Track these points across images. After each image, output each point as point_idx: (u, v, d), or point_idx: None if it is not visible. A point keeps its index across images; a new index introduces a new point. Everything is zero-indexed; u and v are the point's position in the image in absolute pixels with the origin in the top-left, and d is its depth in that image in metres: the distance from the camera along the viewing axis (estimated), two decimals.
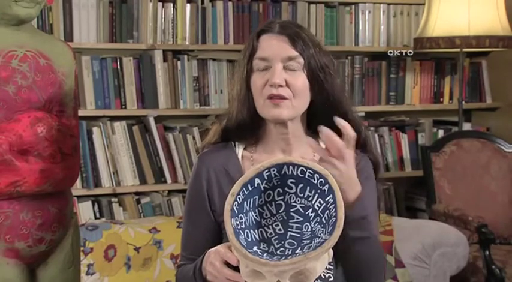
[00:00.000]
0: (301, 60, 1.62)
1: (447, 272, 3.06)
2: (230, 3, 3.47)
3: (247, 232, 1.49)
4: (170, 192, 3.38)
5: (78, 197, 3.16)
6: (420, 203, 3.79)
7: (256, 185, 1.49)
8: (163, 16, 3.36)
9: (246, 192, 1.48)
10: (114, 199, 3.27)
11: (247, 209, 1.50)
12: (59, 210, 1.93)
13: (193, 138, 3.37)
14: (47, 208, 1.90)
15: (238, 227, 1.47)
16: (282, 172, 1.49)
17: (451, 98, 3.91)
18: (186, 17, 3.39)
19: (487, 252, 3.07)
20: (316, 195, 1.48)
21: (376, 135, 3.76)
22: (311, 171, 1.47)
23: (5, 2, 1.82)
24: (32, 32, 1.94)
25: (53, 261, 1.96)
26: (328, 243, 1.39)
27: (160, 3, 3.34)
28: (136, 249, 2.70)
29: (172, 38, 3.37)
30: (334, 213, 1.42)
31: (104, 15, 3.27)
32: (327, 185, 1.45)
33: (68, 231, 1.98)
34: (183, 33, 3.39)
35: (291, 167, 1.48)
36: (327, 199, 1.45)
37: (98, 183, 3.23)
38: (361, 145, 1.68)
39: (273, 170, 1.49)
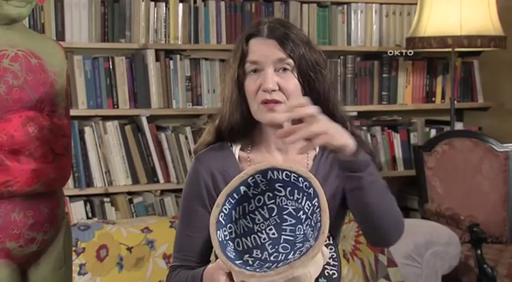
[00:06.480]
0: (291, 62, 1.62)
1: (439, 271, 3.06)
2: (222, 3, 3.46)
3: (237, 241, 1.48)
4: (163, 192, 3.38)
5: (70, 196, 3.16)
6: (412, 202, 3.80)
7: (242, 193, 1.49)
8: (155, 15, 3.35)
9: (233, 201, 1.48)
10: (106, 199, 3.26)
11: (237, 217, 1.49)
12: (50, 210, 1.92)
13: (186, 137, 3.37)
14: (38, 208, 1.89)
15: (227, 238, 1.46)
16: (268, 177, 1.49)
17: (443, 97, 3.92)
18: (179, 16, 3.38)
19: (479, 252, 3.08)
20: (304, 197, 1.48)
21: (368, 135, 3.77)
22: (295, 175, 1.47)
23: None
24: (24, 32, 1.93)
25: (44, 261, 1.95)
26: (313, 250, 1.38)
27: (152, 3, 3.34)
28: (129, 249, 2.69)
29: (165, 37, 3.37)
30: (319, 218, 1.41)
31: (96, 15, 3.26)
32: (311, 188, 1.45)
33: (60, 231, 1.98)
34: (176, 33, 3.38)
35: (275, 172, 1.48)
36: (313, 202, 1.45)
37: (90, 183, 3.22)
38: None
39: (258, 176, 1.49)
